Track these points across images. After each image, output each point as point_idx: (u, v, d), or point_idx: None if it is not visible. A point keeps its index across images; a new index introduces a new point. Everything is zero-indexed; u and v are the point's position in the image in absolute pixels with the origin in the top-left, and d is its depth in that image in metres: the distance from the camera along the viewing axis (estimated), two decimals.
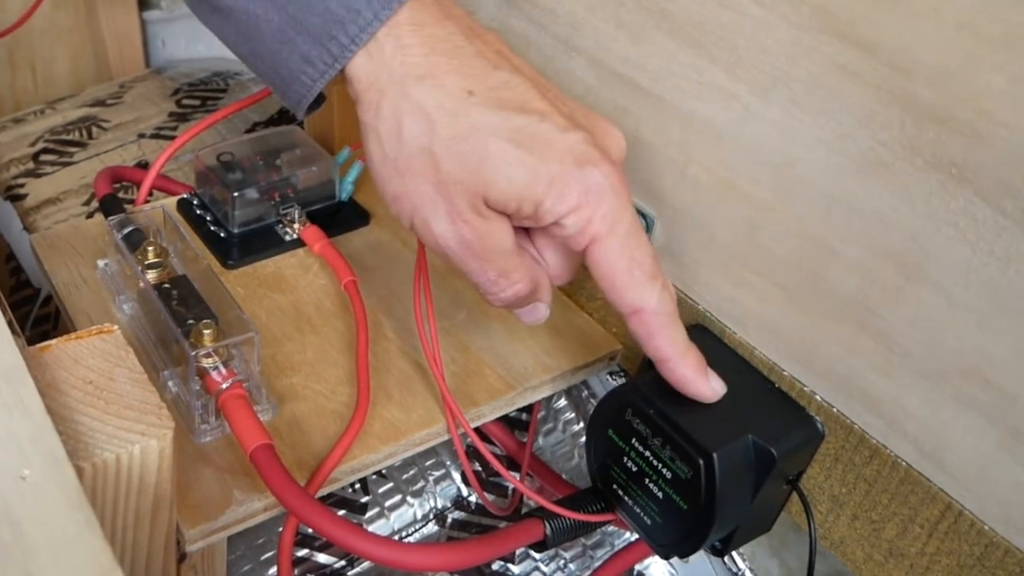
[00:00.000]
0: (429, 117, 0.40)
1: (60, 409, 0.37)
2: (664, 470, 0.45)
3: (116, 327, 0.41)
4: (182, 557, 0.44)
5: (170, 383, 0.49)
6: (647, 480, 0.46)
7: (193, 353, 0.46)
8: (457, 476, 0.62)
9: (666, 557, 0.52)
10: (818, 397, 0.46)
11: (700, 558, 0.60)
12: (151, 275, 0.52)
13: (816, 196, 0.42)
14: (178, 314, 0.49)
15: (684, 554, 0.47)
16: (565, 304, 0.60)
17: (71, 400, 0.38)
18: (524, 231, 0.45)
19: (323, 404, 0.51)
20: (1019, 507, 0.39)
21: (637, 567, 0.61)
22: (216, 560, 0.47)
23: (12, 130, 0.88)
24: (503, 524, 0.61)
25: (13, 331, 0.38)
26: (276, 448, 0.44)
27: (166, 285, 0.51)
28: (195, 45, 1.05)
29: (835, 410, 0.45)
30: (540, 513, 0.49)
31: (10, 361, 0.36)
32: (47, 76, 0.99)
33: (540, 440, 0.64)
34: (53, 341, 0.41)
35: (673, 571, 0.61)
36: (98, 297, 0.56)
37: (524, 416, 0.64)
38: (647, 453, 0.46)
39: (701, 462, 0.43)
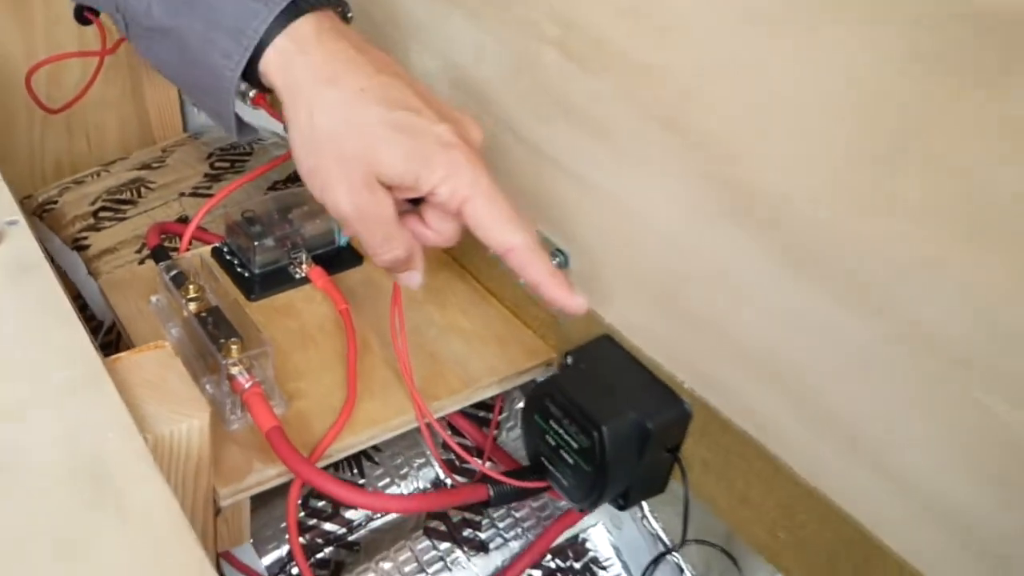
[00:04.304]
0: (333, 109, 0.52)
1: (130, 400, 0.52)
2: (572, 442, 0.60)
3: (167, 343, 0.57)
4: (217, 511, 0.60)
5: (207, 386, 0.64)
6: (562, 451, 0.62)
7: (224, 363, 0.62)
8: (436, 464, 0.77)
9: (580, 510, 0.67)
10: (687, 386, 0.61)
11: (629, 524, 0.75)
12: (192, 306, 0.68)
13: (667, 241, 0.58)
14: (213, 335, 0.65)
15: (592, 507, 0.63)
16: (510, 321, 0.75)
17: (136, 394, 0.53)
18: (417, 214, 0.57)
19: (322, 401, 0.66)
20: (820, 458, 0.54)
21: (581, 534, 0.76)
22: (242, 514, 0.63)
23: (74, 191, 1.05)
24: None
25: (95, 348, 0.54)
26: (285, 432, 0.60)
27: (203, 314, 0.67)
28: None
29: (698, 395, 0.60)
30: (486, 480, 0.64)
31: (95, 367, 0.52)
32: (99, 141, 1.15)
33: (504, 435, 0.80)
34: (122, 354, 0.56)
35: (611, 536, 0.76)
36: (152, 325, 0.72)
37: (491, 415, 0.79)
38: (560, 430, 0.61)
39: (595, 433, 0.58)
